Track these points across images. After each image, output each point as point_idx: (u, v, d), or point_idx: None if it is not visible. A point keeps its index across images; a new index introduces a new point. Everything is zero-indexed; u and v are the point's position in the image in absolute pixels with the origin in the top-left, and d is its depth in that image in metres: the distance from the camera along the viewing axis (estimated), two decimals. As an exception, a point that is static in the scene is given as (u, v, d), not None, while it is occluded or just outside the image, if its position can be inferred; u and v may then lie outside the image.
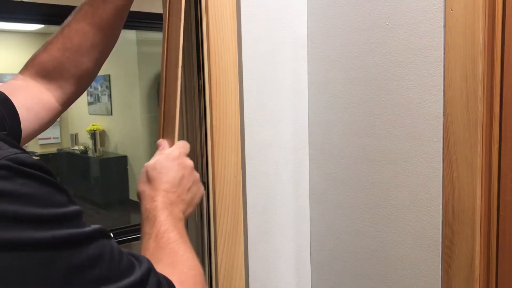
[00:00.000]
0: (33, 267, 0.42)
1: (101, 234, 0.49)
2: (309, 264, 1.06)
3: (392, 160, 0.88)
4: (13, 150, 0.44)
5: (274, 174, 0.98)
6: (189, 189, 0.75)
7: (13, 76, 0.86)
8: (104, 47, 0.85)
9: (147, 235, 0.66)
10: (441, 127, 0.80)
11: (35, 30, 5.37)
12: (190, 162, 0.76)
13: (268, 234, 0.98)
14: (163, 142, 0.82)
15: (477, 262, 0.78)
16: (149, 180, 0.73)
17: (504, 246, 0.76)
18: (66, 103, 0.87)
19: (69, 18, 0.85)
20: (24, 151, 0.46)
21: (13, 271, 0.41)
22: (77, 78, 0.85)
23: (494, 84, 0.75)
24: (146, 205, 0.70)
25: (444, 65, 0.79)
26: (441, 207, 0.82)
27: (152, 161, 0.76)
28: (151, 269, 0.52)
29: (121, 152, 5.36)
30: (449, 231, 0.81)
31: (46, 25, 4.24)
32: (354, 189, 0.95)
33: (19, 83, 0.81)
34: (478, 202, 0.77)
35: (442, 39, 0.79)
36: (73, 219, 0.46)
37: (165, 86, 0.93)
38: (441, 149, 0.81)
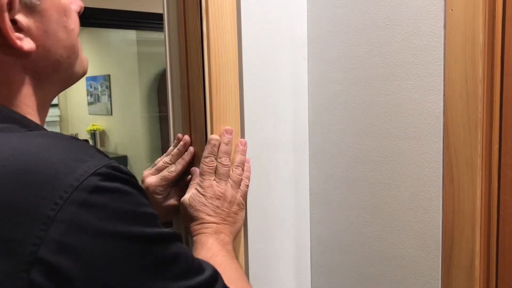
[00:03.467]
0: (130, 257, 0.48)
1: (177, 236, 0.56)
2: (309, 264, 1.06)
3: (392, 160, 0.88)
4: (111, 160, 0.52)
5: (274, 174, 0.98)
6: (228, 214, 0.85)
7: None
8: None
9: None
10: (441, 127, 0.80)
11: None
12: (218, 190, 0.85)
13: (268, 234, 0.98)
14: (195, 171, 0.89)
15: (477, 262, 0.78)
16: (191, 217, 0.84)
17: (504, 246, 0.76)
18: None
19: None
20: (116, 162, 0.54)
21: (114, 257, 0.47)
22: None
23: (494, 84, 0.75)
24: (193, 237, 0.82)
25: (444, 65, 0.79)
26: (441, 207, 0.82)
27: (187, 196, 0.86)
28: (217, 272, 0.60)
29: (121, 152, 5.35)
30: (449, 231, 0.81)
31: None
32: (354, 189, 0.95)
33: None
34: (478, 202, 0.77)
35: (442, 39, 0.79)
36: (156, 219, 0.53)
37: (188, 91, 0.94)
38: (441, 149, 0.81)
